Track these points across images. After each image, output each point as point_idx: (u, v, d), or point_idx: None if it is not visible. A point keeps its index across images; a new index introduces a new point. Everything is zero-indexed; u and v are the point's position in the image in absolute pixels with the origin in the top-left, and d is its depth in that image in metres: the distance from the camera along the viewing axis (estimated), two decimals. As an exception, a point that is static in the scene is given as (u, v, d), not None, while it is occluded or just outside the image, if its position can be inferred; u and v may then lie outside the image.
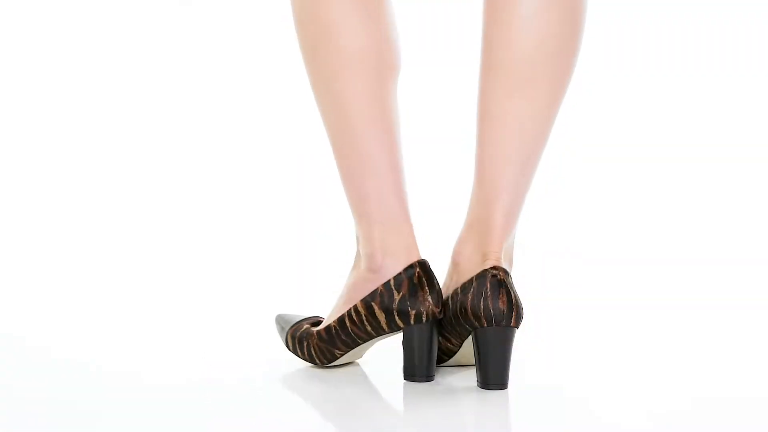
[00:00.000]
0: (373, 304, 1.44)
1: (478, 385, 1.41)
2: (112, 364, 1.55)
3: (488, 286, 1.39)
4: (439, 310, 1.42)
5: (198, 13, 2.87)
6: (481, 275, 1.40)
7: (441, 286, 1.48)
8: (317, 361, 1.52)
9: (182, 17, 2.88)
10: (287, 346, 1.55)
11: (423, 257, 1.45)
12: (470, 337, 1.43)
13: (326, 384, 1.45)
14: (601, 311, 1.96)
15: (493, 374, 1.39)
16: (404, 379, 1.44)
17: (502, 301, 1.39)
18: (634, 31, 2.77)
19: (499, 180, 1.43)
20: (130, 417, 1.31)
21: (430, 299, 1.42)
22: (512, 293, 1.39)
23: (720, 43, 2.80)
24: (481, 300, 1.39)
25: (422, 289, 1.42)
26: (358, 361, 1.55)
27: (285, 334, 1.56)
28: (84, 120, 2.86)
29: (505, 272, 1.40)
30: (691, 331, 1.83)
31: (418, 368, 1.43)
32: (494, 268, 1.40)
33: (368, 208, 1.47)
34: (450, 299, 1.44)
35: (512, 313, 1.39)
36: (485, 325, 1.39)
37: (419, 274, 1.43)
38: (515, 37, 1.41)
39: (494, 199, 1.43)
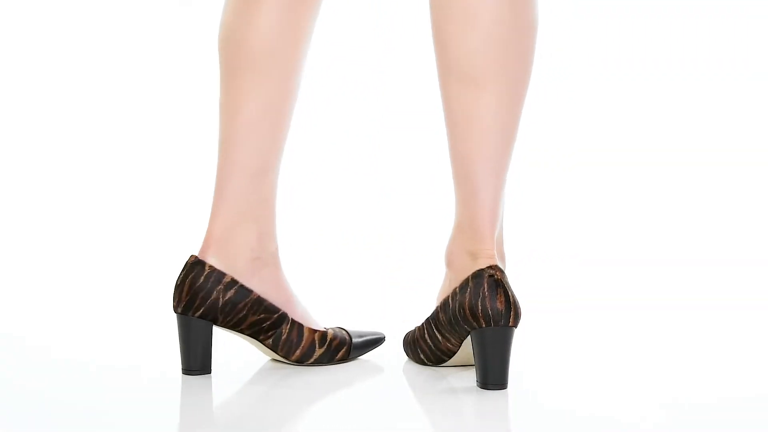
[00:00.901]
0: None
1: (477, 385, 1.41)
2: (112, 364, 1.55)
3: (485, 286, 1.39)
4: (177, 304, 1.45)
5: (198, 13, 2.87)
6: (478, 275, 1.40)
7: (439, 289, 1.49)
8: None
9: (182, 17, 2.88)
10: None
11: (210, 256, 1.48)
12: (469, 337, 1.43)
13: (325, 384, 1.45)
14: (599, 312, 1.96)
15: (492, 374, 1.40)
16: None
17: (500, 301, 1.39)
18: (629, 33, 2.77)
19: (474, 178, 1.43)
20: (130, 417, 1.31)
21: (176, 292, 1.46)
22: (510, 293, 1.39)
23: (717, 45, 2.80)
24: (479, 300, 1.39)
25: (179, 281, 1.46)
26: (356, 361, 1.55)
27: None
28: (84, 120, 2.86)
29: (502, 271, 1.40)
30: (689, 332, 1.83)
31: (183, 359, 1.46)
32: (491, 267, 1.40)
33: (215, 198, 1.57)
34: (450, 299, 1.44)
35: (510, 312, 1.38)
36: (484, 325, 1.39)
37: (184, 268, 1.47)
38: (464, 36, 1.40)
39: (473, 197, 1.43)
